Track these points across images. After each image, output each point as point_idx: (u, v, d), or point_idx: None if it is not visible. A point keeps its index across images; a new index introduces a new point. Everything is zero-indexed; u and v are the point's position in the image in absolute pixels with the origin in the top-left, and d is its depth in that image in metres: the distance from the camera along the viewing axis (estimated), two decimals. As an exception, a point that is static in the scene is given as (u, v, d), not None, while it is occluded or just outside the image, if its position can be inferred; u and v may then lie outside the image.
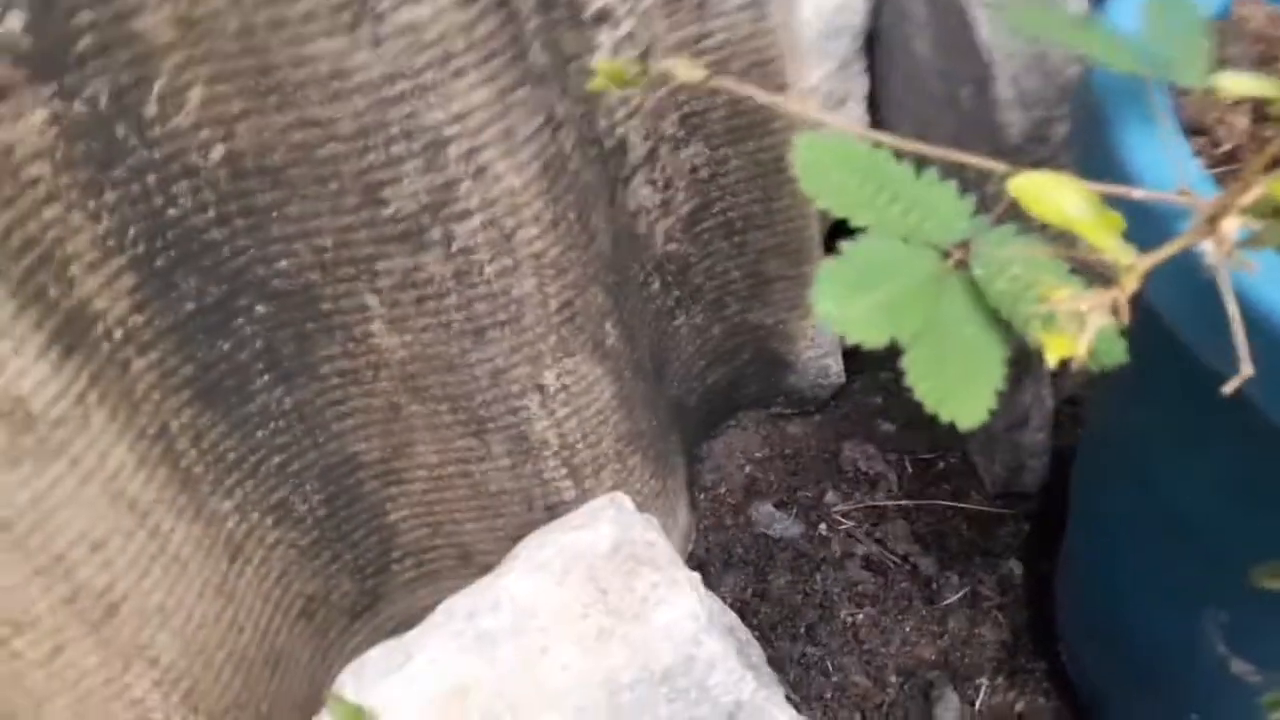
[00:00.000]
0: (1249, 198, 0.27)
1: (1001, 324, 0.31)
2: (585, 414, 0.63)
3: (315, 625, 0.66)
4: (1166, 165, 0.40)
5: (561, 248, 0.57)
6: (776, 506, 0.80)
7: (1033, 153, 0.59)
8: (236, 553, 0.59)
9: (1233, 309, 0.27)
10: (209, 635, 0.57)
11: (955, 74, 0.64)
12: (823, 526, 0.79)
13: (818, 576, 0.76)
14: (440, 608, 0.48)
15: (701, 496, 0.82)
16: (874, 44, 0.74)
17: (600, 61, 0.34)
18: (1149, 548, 0.56)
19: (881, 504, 0.79)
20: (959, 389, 0.29)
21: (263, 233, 0.54)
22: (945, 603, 0.74)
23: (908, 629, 0.73)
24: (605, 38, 0.64)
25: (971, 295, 0.31)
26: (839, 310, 0.29)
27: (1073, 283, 0.31)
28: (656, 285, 0.75)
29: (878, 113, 0.78)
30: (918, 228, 0.32)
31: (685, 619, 0.48)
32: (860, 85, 0.76)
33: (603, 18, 0.63)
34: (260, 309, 0.56)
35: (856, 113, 0.77)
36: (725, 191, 0.75)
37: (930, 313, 0.30)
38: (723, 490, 0.82)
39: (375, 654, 0.47)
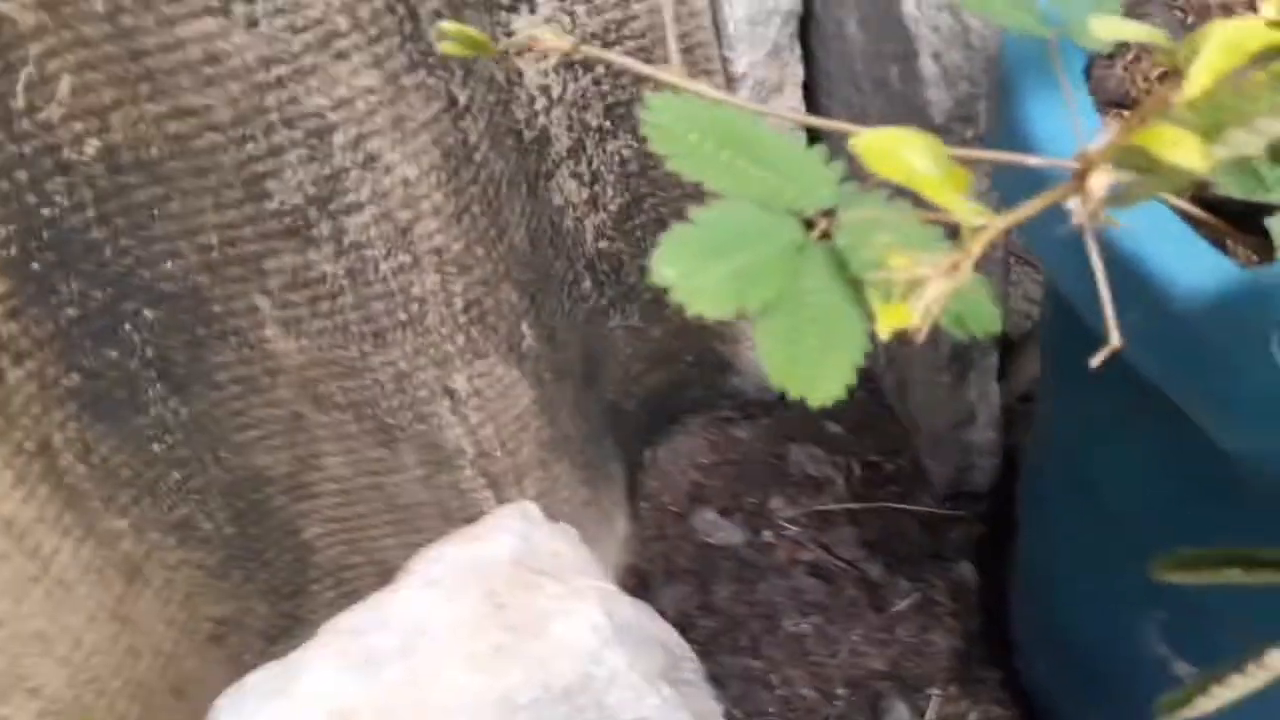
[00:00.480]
0: (1113, 148, 0.24)
1: (870, 290, 0.28)
2: (502, 419, 0.60)
3: (228, 649, 0.62)
4: (1068, 134, 0.37)
5: (465, 243, 0.54)
6: (720, 514, 0.77)
7: (958, 132, 0.56)
8: (134, 574, 0.56)
9: (1098, 268, 0.25)
10: (102, 663, 0.53)
11: (883, 54, 0.62)
12: (768, 533, 0.76)
13: (762, 586, 0.73)
14: (325, 626, 0.45)
15: (644, 505, 0.79)
16: (808, 29, 0.72)
17: (448, 25, 0.31)
18: (1090, 548, 0.53)
19: (828, 508, 0.76)
20: (814, 364, 0.26)
21: (145, 232, 0.51)
22: (894, 609, 0.71)
23: (855, 638, 0.70)
24: (520, 23, 0.61)
25: (834, 265, 0.28)
26: (681, 279, 0.26)
27: (941, 249, 0.28)
28: (588, 284, 0.73)
29: (815, 101, 0.76)
30: (779, 194, 0.30)
31: (586, 633, 0.45)
32: (795, 71, 0.73)
33: (518, 2, 0.61)
34: (148, 314, 0.53)
35: (793, 99, 0.74)
36: (656, 186, 0.72)
37: (787, 283, 0.28)
38: (666, 498, 0.79)
39: (255, 678, 0.44)
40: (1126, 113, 0.46)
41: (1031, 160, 0.34)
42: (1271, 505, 0.35)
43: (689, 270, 0.26)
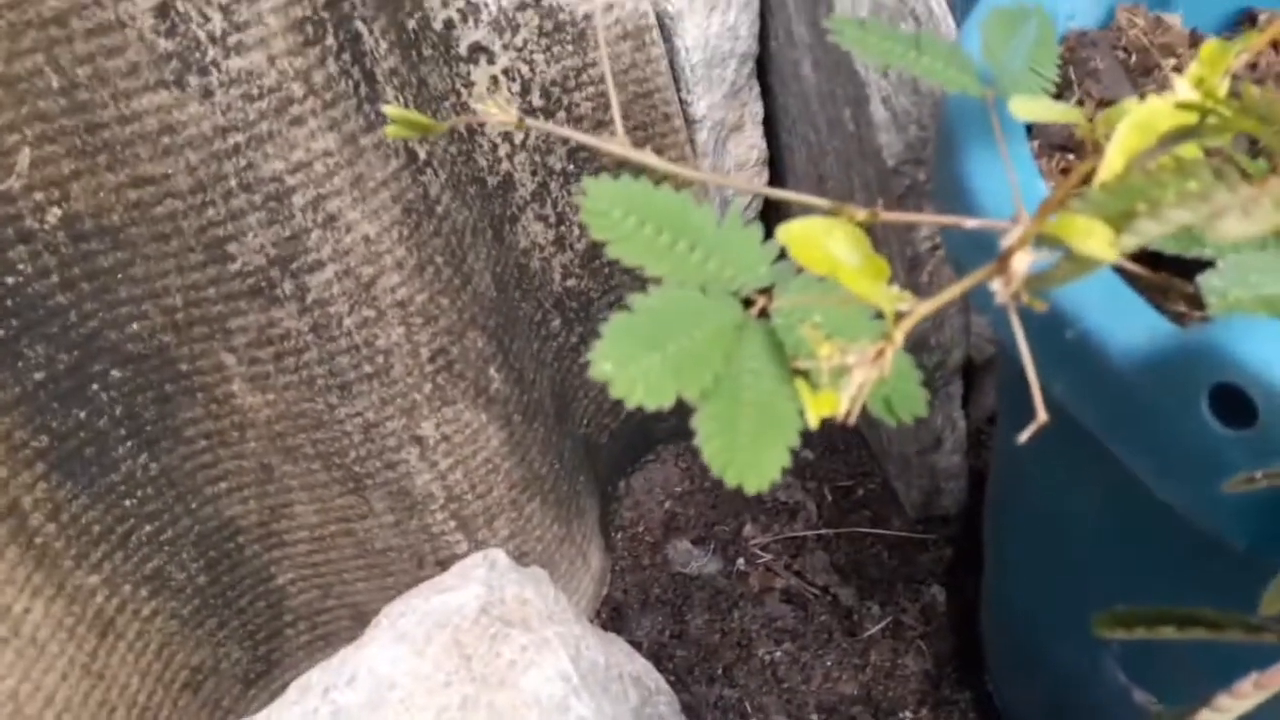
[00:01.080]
0: (1033, 232, 0.25)
1: (804, 376, 0.29)
2: (472, 463, 0.60)
3: (204, 696, 0.63)
4: (1006, 191, 0.38)
5: (429, 294, 0.55)
6: (694, 543, 0.78)
7: (910, 174, 0.57)
8: (107, 628, 0.56)
9: (1023, 348, 0.25)
10: (75, 719, 0.54)
11: (837, 96, 0.63)
12: (741, 561, 0.76)
13: (735, 614, 0.74)
14: (294, 684, 0.46)
15: (619, 536, 0.80)
16: (765, 67, 0.73)
17: (393, 110, 0.32)
18: (1049, 578, 0.54)
19: (801, 534, 0.77)
20: (750, 449, 0.27)
21: (110, 295, 0.51)
22: (867, 634, 0.72)
23: (828, 663, 0.71)
24: (480, 73, 0.62)
25: (770, 346, 0.29)
26: (618, 370, 0.27)
27: (870, 330, 0.29)
28: (557, 323, 0.73)
29: (776, 138, 0.77)
30: (718, 275, 0.31)
31: (555, 681, 0.45)
32: (755, 110, 0.74)
33: (476, 53, 0.62)
34: (115, 374, 0.53)
35: (753, 138, 0.75)
36: (621, 224, 0.73)
37: (724, 367, 0.28)
38: (641, 529, 0.80)
39: (227, 737, 0.45)
40: (1071, 156, 0.47)
41: (969, 223, 0.35)
42: (1208, 550, 0.36)
43: (626, 360, 0.27)
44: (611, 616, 0.75)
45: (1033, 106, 0.33)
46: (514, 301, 0.66)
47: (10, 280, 0.49)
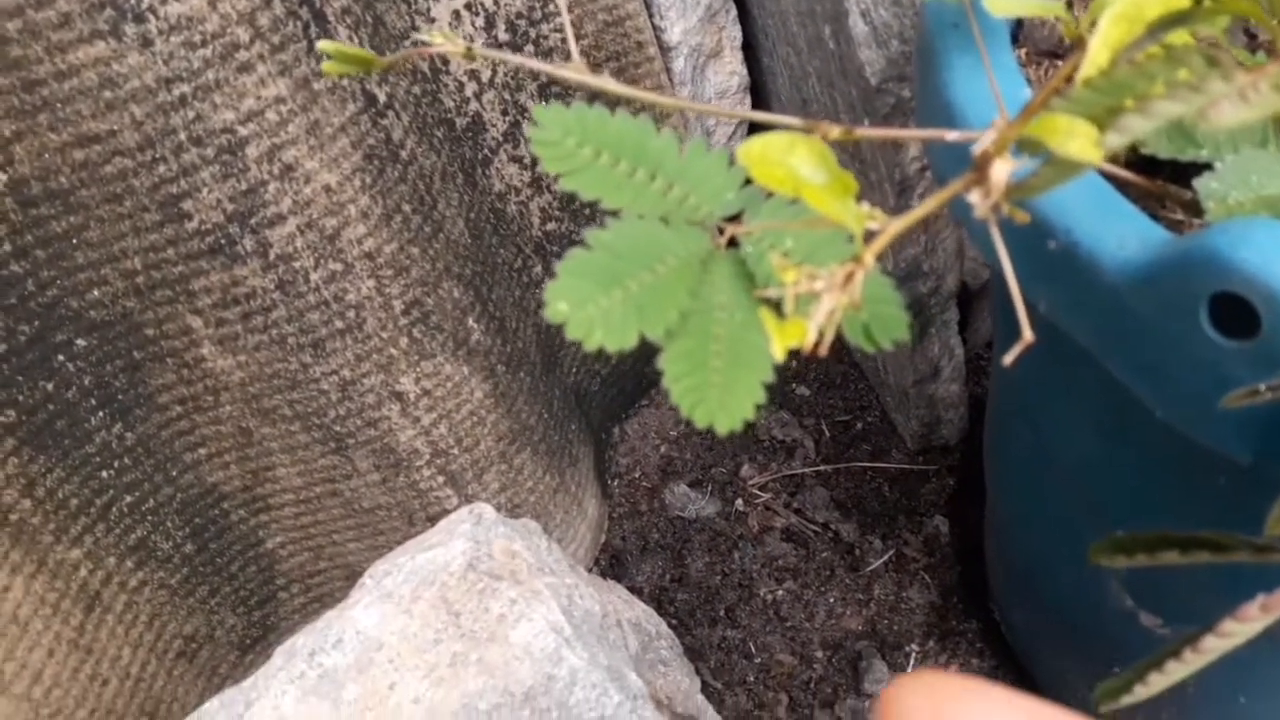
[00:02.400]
0: (1011, 136, 0.23)
1: (774, 306, 0.27)
2: (456, 417, 0.59)
3: (200, 664, 0.62)
4: (989, 100, 0.36)
5: (398, 244, 0.53)
6: (691, 486, 0.77)
7: (894, 92, 0.55)
8: (93, 602, 0.55)
9: (1006, 265, 0.24)
10: (65, 694, 0.53)
11: (816, 13, 0.60)
12: (739, 502, 0.75)
13: (736, 555, 0.73)
14: (279, 649, 0.45)
15: (615, 483, 0.79)
16: (742, -10, 0.70)
17: (328, 44, 0.30)
18: (1050, 501, 0.53)
19: (799, 472, 0.76)
20: (722, 388, 0.25)
21: (66, 261, 0.49)
22: (869, 569, 0.72)
23: (831, 600, 0.70)
24: (441, 9, 0.60)
25: (740, 277, 0.27)
26: (575, 310, 0.25)
27: (849, 253, 0.27)
28: (539, 269, 0.71)
29: (758, 62, 0.74)
30: (681, 205, 0.29)
31: (546, 633, 0.44)
32: (733, 34, 0.71)
33: (437, -12, 0.59)
34: (80, 343, 0.52)
35: (733, 63, 0.72)
36: (599, 162, 0.70)
37: (691, 302, 0.27)
38: (637, 474, 0.79)
39: (212, 705, 0.44)
40: (1060, 63, 0.45)
41: (949, 135, 0.33)
42: (1212, 467, 0.35)
43: (583, 299, 0.25)
44: (611, 564, 0.74)
45: (1008, 1, 0.31)
46: (491, 248, 0.64)
47: (-40, 251, 0.47)
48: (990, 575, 0.70)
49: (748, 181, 0.30)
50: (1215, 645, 0.26)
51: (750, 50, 0.74)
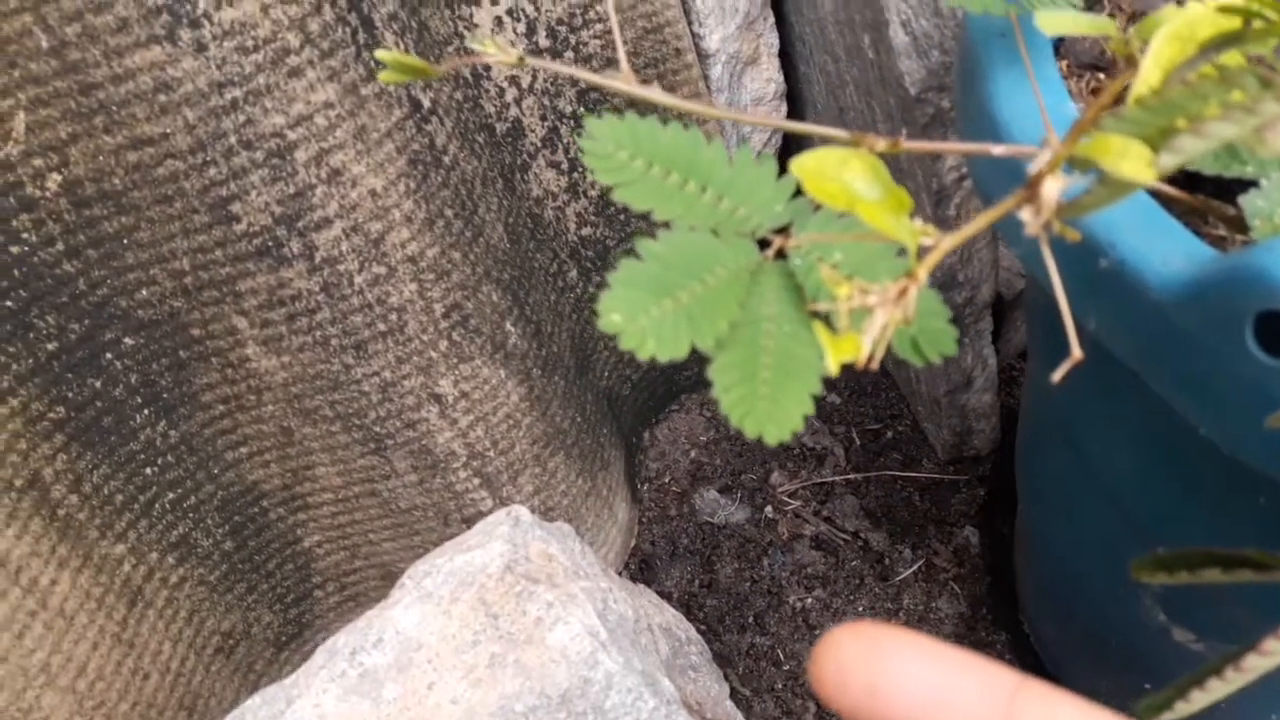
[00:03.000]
0: (1064, 155, 0.23)
1: (823, 319, 0.28)
2: (492, 420, 0.59)
3: (236, 660, 0.63)
4: (1034, 114, 0.36)
5: (440, 248, 0.54)
6: (721, 492, 0.77)
7: (934, 102, 0.55)
8: (136, 597, 0.56)
9: (1056, 282, 0.24)
10: (108, 688, 0.54)
11: (855, 21, 0.60)
12: (769, 509, 0.76)
13: (765, 562, 0.73)
14: (321, 648, 0.46)
15: (645, 487, 0.79)
16: (780, -1, 0.71)
17: (385, 53, 0.31)
18: (1086, 516, 0.53)
19: (829, 480, 0.76)
20: (770, 399, 0.26)
21: (117, 261, 0.50)
22: (899, 578, 0.72)
23: (860, 609, 0.70)
24: (483, 15, 0.60)
25: (788, 288, 0.28)
26: (628, 321, 0.26)
27: (895, 267, 0.27)
28: (574, 273, 0.72)
29: (794, 70, 0.75)
30: (731, 216, 0.29)
31: (582, 637, 0.45)
32: (770, 41, 0.72)
33: (480, -4, 0.60)
34: (128, 341, 0.53)
35: (769, 70, 0.73)
36: (636, 169, 0.71)
37: (740, 313, 0.27)
38: (667, 479, 0.79)
39: (254, 702, 0.45)
40: (1102, 76, 0.45)
41: (995, 150, 0.33)
42: (1253, 486, 0.35)
43: (636, 310, 0.26)
44: (640, 568, 0.75)
45: (1060, 20, 0.31)
46: (528, 253, 0.65)
47: (15, 250, 0.48)
48: (1020, 587, 0.70)
49: (796, 193, 0.30)
50: (1258, 664, 0.27)
51: (787, 58, 0.74)
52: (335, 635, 0.45)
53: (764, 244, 0.29)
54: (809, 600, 0.71)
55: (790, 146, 0.79)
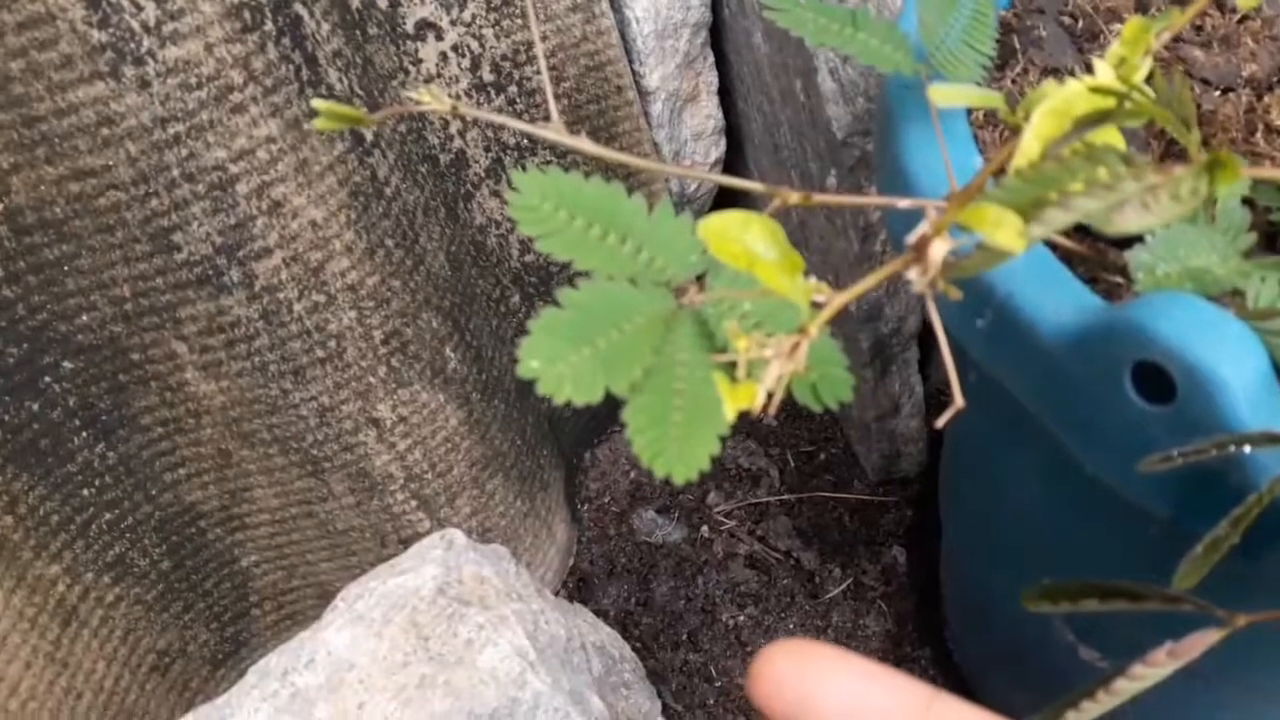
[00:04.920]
0: (948, 221, 0.25)
1: (729, 368, 0.29)
2: (430, 443, 0.61)
3: (172, 679, 0.63)
4: (942, 170, 0.38)
5: (380, 276, 0.55)
6: (659, 512, 0.79)
7: (858, 146, 0.58)
8: (70, 616, 0.57)
9: (941, 337, 0.26)
10: (40, 707, 0.54)
11: (789, 66, 0.63)
12: (705, 528, 0.77)
13: (700, 580, 0.75)
14: (253, 668, 0.47)
15: (585, 507, 0.81)
16: (720, 35, 0.73)
17: (320, 103, 0.32)
18: (998, 539, 0.56)
19: (763, 500, 0.78)
20: (680, 440, 0.28)
21: (57, 288, 0.51)
22: (829, 596, 0.74)
23: (791, 626, 0.72)
24: (428, 51, 0.62)
25: (700, 335, 0.30)
26: (545, 368, 0.27)
27: (801, 319, 0.29)
28: (516, 299, 0.74)
29: (734, 105, 0.77)
30: (649, 266, 0.31)
31: (511, 658, 0.46)
32: (710, 79, 0.74)
33: (424, 29, 0.61)
34: (67, 365, 0.53)
35: (709, 107, 0.75)
36: (577, 197, 0.73)
37: (654, 359, 0.29)
38: (606, 499, 0.81)
39: (188, 723, 0.46)
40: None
41: (901, 203, 0.36)
42: (1139, 519, 0.37)
43: (554, 357, 0.27)
44: (579, 587, 0.76)
45: (951, 93, 0.33)
46: (470, 279, 0.66)
47: (-46, 275, 0.49)
48: (944, 605, 0.73)
49: (711, 247, 0.32)
50: (1127, 688, 0.29)
51: (727, 94, 0.76)
52: (268, 655, 0.46)
53: (681, 292, 0.31)
54: (741, 618, 0.73)
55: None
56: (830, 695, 0.18)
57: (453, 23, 0.62)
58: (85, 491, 0.56)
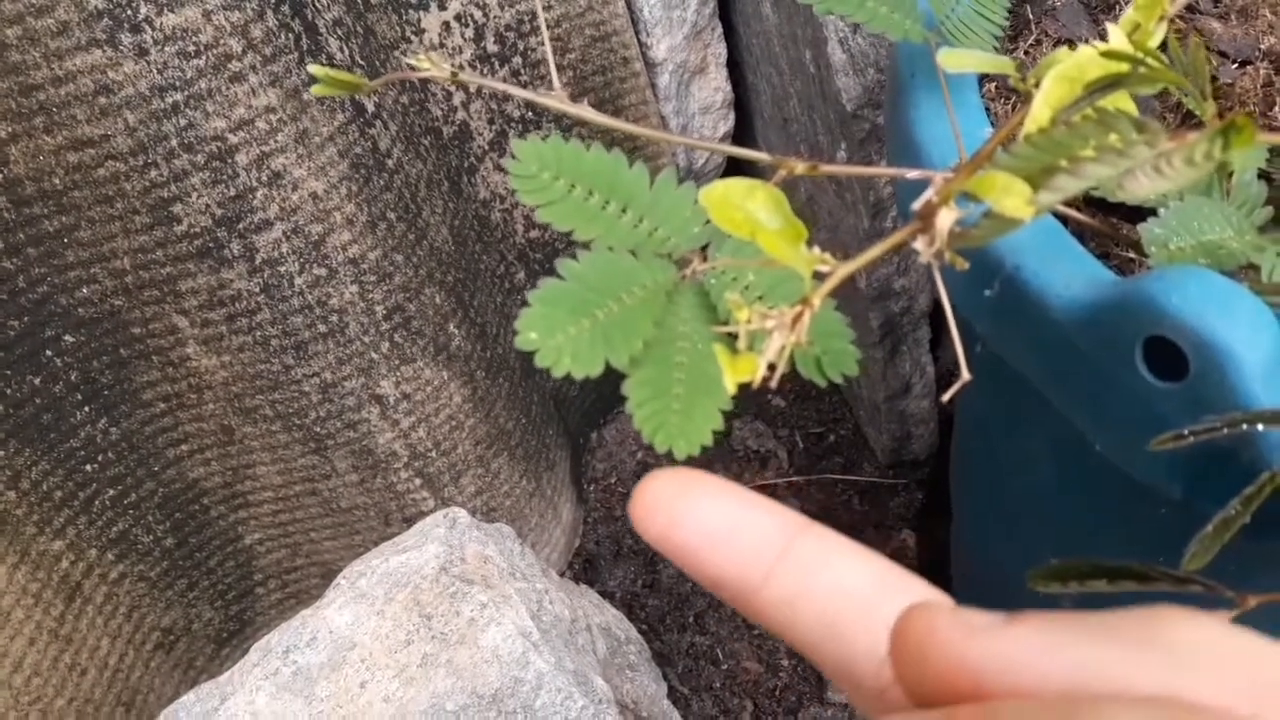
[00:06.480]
0: (955, 189, 0.25)
1: (731, 340, 0.29)
2: (434, 421, 0.60)
3: (176, 656, 0.63)
4: (951, 140, 0.38)
5: (382, 250, 0.54)
6: (665, 492, 0.78)
7: (869, 119, 0.57)
8: (74, 592, 0.57)
9: (947, 306, 0.25)
10: (44, 683, 0.54)
11: (797, 37, 0.61)
12: (712, 509, 0.77)
13: (706, 562, 0.74)
14: (255, 646, 0.46)
15: (591, 488, 0.80)
16: (729, 4, 0.72)
17: (317, 68, 0.31)
18: (1006, 523, 0.55)
19: (772, 482, 0.78)
20: (682, 414, 0.27)
21: (57, 260, 0.51)
22: (836, 579, 0.73)
23: (798, 609, 0.72)
24: (431, 20, 0.61)
25: (703, 308, 0.29)
26: (544, 339, 0.27)
27: (805, 289, 0.29)
28: (522, 275, 0.73)
29: (742, 78, 0.76)
30: (650, 237, 0.30)
31: (515, 637, 0.46)
32: (718, 51, 0.73)
33: None
34: (68, 339, 0.53)
35: (717, 80, 0.74)
36: (583, 174, 0.72)
37: (655, 332, 0.28)
38: (613, 480, 0.80)
39: (189, 698, 0.45)
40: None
41: (910, 174, 0.35)
42: (1150, 498, 0.37)
43: (553, 328, 0.27)
44: (584, 568, 0.76)
45: (961, 58, 0.32)
46: (474, 255, 0.66)
47: (-47, 247, 0.49)
48: (954, 589, 0.72)
49: (712, 217, 0.31)
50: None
51: (736, 67, 0.75)
52: (270, 634, 0.46)
53: (683, 264, 0.31)
54: (747, 600, 0.72)
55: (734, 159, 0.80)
56: (700, 517, 0.18)
57: (458, -6, 0.61)
58: (88, 467, 0.56)
